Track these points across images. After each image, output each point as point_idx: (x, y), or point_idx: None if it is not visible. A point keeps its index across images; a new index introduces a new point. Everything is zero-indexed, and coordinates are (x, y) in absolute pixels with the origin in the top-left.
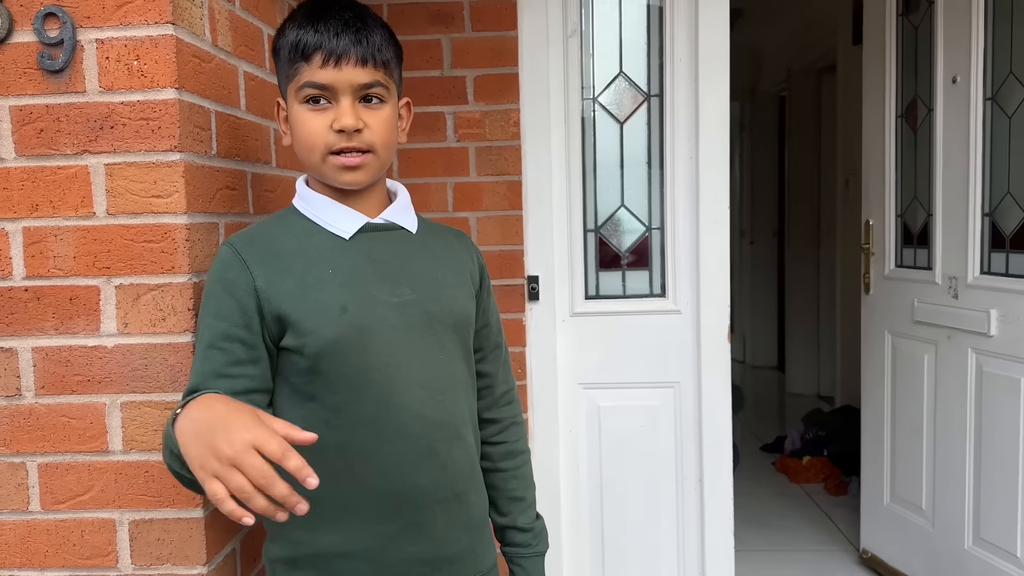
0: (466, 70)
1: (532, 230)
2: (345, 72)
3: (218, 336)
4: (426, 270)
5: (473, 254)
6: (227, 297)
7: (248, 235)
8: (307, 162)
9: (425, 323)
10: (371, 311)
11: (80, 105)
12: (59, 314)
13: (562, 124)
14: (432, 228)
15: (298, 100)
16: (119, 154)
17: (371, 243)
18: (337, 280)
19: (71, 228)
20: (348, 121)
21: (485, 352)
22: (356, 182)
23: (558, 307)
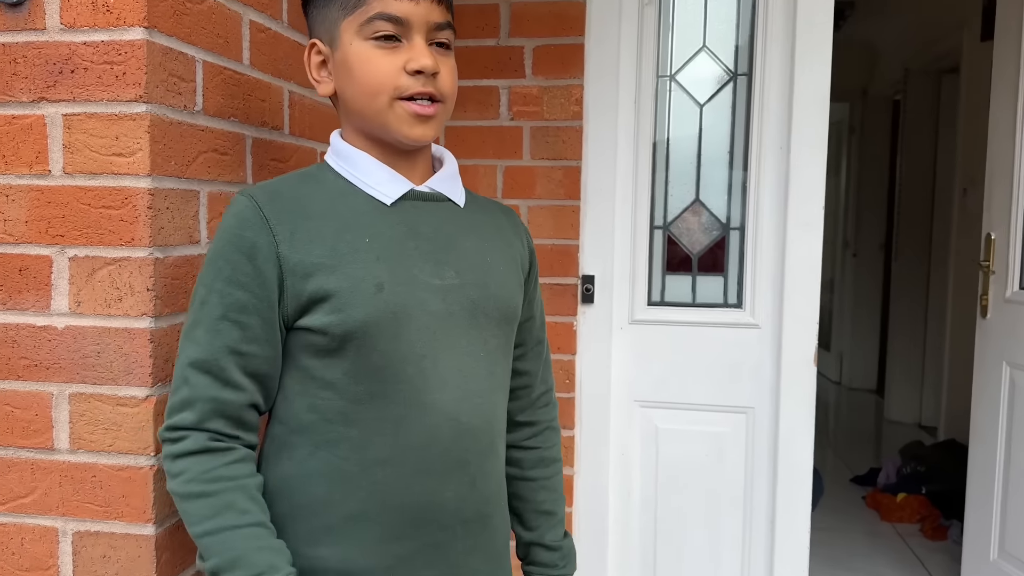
0: (525, 39)
1: (590, 223)
2: (423, 6)
3: (233, 306)
4: (474, 251)
5: (523, 235)
6: (244, 261)
7: (271, 189)
8: (367, 109)
9: (469, 313)
10: (410, 292)
11: (39, 45)
12: (7, 286)
13: (631, 104)
14: (479, 203)
15: (362, 36)
16: (79, 103)
17: (415, 213)
18: (374, 252)
19: (24, 188)
20: (428, 61)
21: (526, 348)
22: (424, 137)
23: (616, 313)
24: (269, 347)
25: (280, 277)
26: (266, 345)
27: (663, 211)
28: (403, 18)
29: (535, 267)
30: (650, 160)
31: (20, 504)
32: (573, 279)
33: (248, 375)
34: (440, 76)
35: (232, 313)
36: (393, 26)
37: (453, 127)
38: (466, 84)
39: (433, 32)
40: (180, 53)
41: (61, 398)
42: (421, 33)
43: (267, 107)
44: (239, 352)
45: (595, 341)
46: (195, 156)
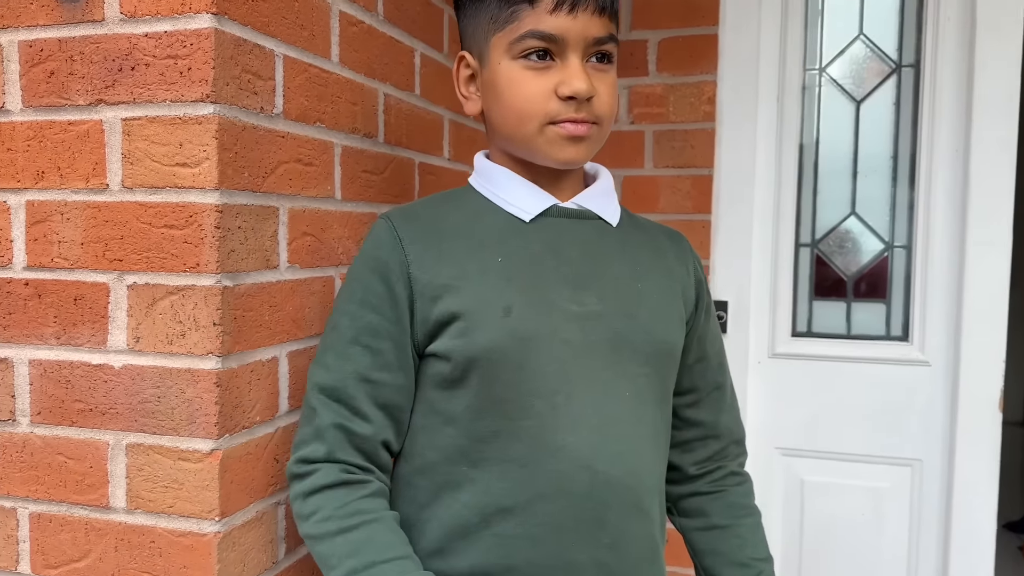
0: (649, 32)
1: (723, 241)
2: (580, 21)
3: (365, 330)
4: (623, 276)
5: (690, 264)
6: (377, 282)
7: (409, 210)
8: (515, 134)
9: (611, 345)
10: (543, 318)
11: (97, 39)
12: (61, 318)
13: (773, 102)
14: (639, 224)
15: (511, 54)
16: (140, 105)
17: (557, 231)
18: (506, 272)
19: (80, 204)
20: (582, 86)
21: (700, 394)
22: (576, 159)
23: (753, 344)
24: (401, 374)
25: (411, 298)
26: (398, 372)
27: (811, 226)
28: (558, 36)
29: (705, 299)
30: (796, 167)
31: (73, 569)
32: None
33: (379, 406)
34: (597, 98)
35: (364, 337)
36: (547, 44)
37: None
38: None
39: (592, 47)
40: (256, 46)
41: (118, 449)
42: (578, 51)
43: (359, 111)
44: (369, 380)
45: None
46: (274, 166)
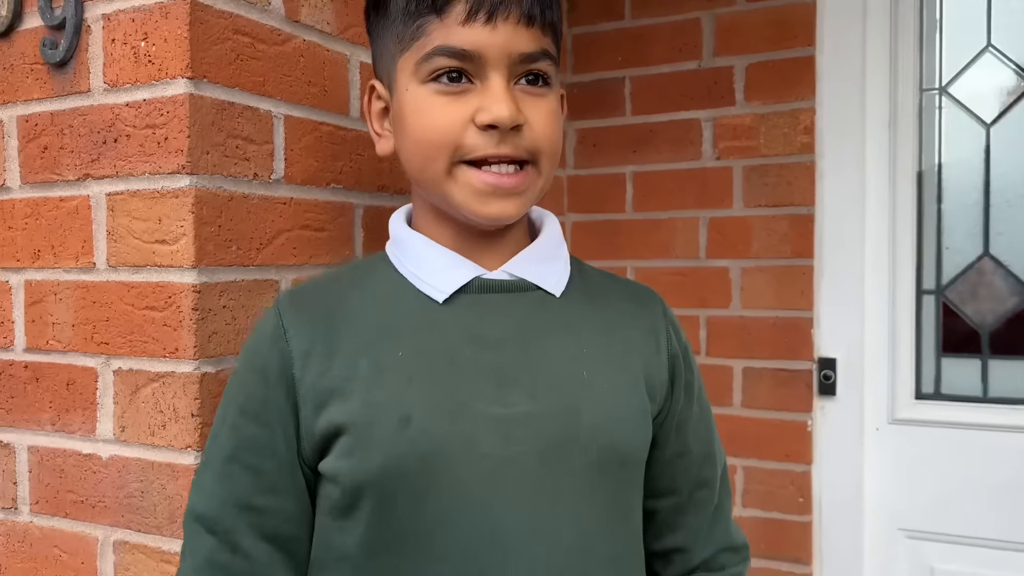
0: (734, 58)
1: (829, 289)
2: (502, 33)
3: (245, 444)
4: (563, 362)
5: (662, 332)
6: (257, 383)
7: (304, 290)
8: (422, 177)
9: (545, 457)
10: (453, 427)
11: (84, 111)
12: (56, 403)
13: (884, 128)
14: (595, 286)
15: (419, 77)
16: (121, 179)
17: (478, 311)
18: (407, 370)
19: (70, 284)
20: (504, 112)
21: (681, 496)
22: (503, 216)
23: (869, 409)
24: (290, 499)
25: (295, 405)
26: (286, 497)
27: (935, 270)
28: (473, 52)
29: (685, 373)
30: (914, 201)
31: None
32: (806, 363)
33: (265, 538)
34: (529, 127)
35: (244, 453)
36: (459, 62)
37: (642, 172)
38: (659, 119)
39: (520, 65)
40: (247, 108)
41: (106, 545)
42: (500, 70)
43: (387, 167)
44: (252, 507)
45: (840, 447)
46: (272, 236)
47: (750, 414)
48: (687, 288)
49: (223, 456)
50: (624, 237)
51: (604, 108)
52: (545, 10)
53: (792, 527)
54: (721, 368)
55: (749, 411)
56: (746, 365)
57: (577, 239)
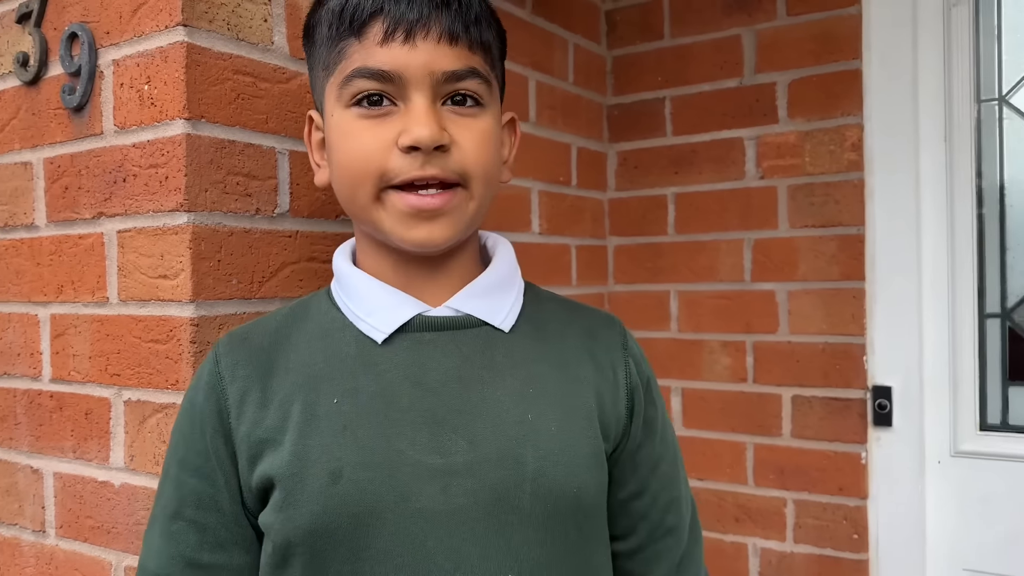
0: (776, 74)
1: (883, 314)
2: (422, 52)
3: (189, 499)
4: (509, 401)
5: (620, 364)
6: (197, 436)
7: (244, 331)
8: (352, 206)
9: (487, 508)
10: (386, 480)
11: (98, 152)
12: (76, 432)
13: (939, 142)
14: (551, 315)
15: (342, 102)
16: (130, 217)
17: (418, 352)
18: (342, 418)
19: (87, 318)
20: (424, 132)
21: (641, 540)
22: (431, 241)
23: (930, 441)
24: (238, 552)
25: (233, 456)
26: (234, 551)
27: (999, 291)
28: (392, 72)
29: (647, 413)
30: (973, 219)
31: None
32: (858, 392)
33: None
34: (456, 148)
35: (188, 509)
36: (380, 84)
37: (684, 194)
38: (700, 139)
39: (444, 85)
40: (248, 146)
41: (119, 570)
42: (423, 90)
43: None
44: (199, 564)
45: (898, 481)
46: (276, 269)
47: (800, 445)
48: (732, 312)
49: (168, 513)
50: (666, 260)
51: (645, 129)
52: (470, 27)
53: (846, 565)
54: (769, 396)
55: (799, 442)
56: (795, 393)
57: (619, 263)
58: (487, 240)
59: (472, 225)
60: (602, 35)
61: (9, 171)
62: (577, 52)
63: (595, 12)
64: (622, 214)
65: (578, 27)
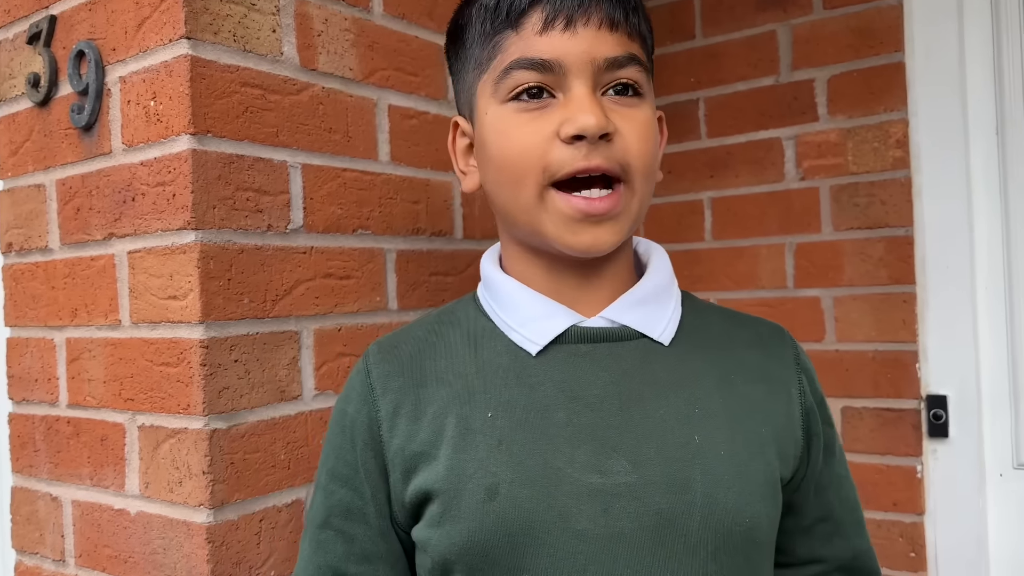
0: (815, 70)
1: (935, 319)
2: (583, 38)
3: (337, 509)
4: (672, 423)
5: (794, 380)
6: (347, 447)
7: (394, 340)
8: (511, 207)
9: (653, 534)
10: (545, 499)
11: (108, 171)
12: (93, 458)
13: (992, 135)
14: (713, 327)
15: (499, 98)
16: (139, 237)
17: (574, 365)
18: (497, 432)
19: (101, 342)
20: (590, 119)
21: (828, 566)
22: (597, 246)
23: (990, 452)
24: (384, 566)
25: (384, 469)
26: (379, 564)
27: None
28: (553, 60)
29: (824, 433)
30: None
31: None
32: (912, 402)
33: None
34: (621, 137)
35: (336, 519)
36: (539, 75)
37: (721, 198)
38: (736, 141)
39: (605, 73)
40: (258, 160)
41: None
42: (584, 78)
43: (423, 209)
44: (345, 575)
45: (957, 495)
46: (291, 287)
47: (852, 458)
48: (775, 321)
49: (317, 522)
50: (704, 267)
51: (678, 132)
52: (630, 13)
53: None
54: None
55: (850, 455)
56: (845, 404)
57: None
58: (639, 246)
59: (636, 225)
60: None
61: (24, 194)
62: None
63: None
64: (657, 221)
65: None
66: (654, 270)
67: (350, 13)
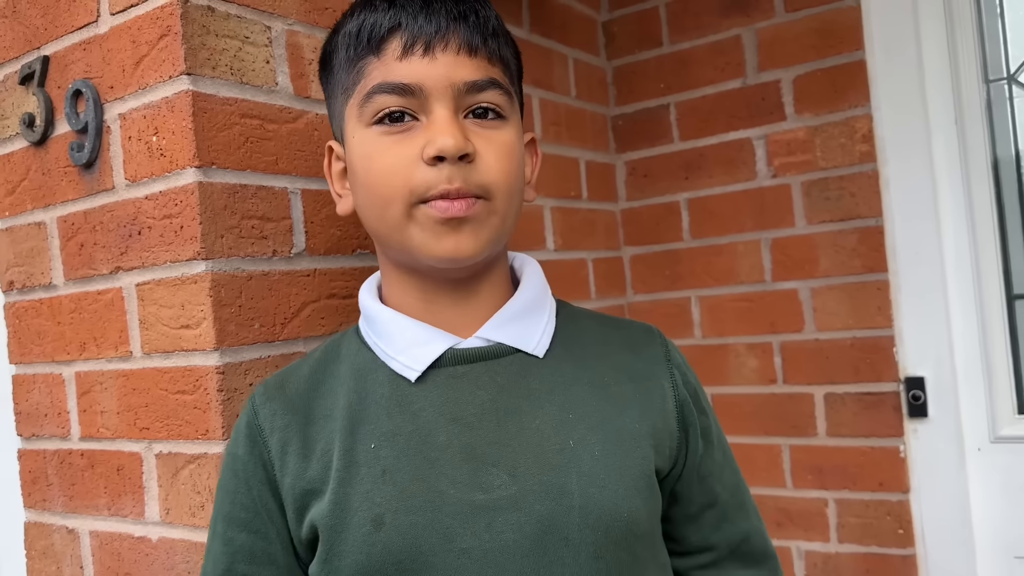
0: (780, 71)
1: (909, 304)
2: (442, 64)
3: (240, 555)
4: (548, 431)
5: (666, 374)
6: (241, 489)
7: (280, 378)
8: (381, 226)
9: (535, 542)
10: (431, 525)
11: (111, 207)
12: (110, 489)
13: (950, 126)
14: (584, 334)
15: (364, 121)
16: (148, 269)
17: (452, 387)
18: (380, 463)
19: (112, 373)
20: (449, 141)
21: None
22: (459, 253)
23: (968, 428)
24: None
25: (282, 507)
26: None
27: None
28: (414, 85)
29: (700, 421)
30: (992, 200)
31: None
32: (891, 385)
33: None
34: (481, 160)
35: (240, 565)
36: (401, 99)
37: (696, 199)
38: (708, 143)
39: (466, 96)
40: (260, 188)
41: None
42: (445, 102)
43: None
44: None
45: (939, 472)
46: (298, 309)
47: (836, 443)
48: (756, 314)
49: (219, 572)
50: (684, 267)
51: (651, 137)
52: (488, 39)
53: (893, 561)
54: (801, 396)
55: (835, 440)
56: (827, 391)
57: (636, 272)
58: (514, 261)
59: (498, 240)
60: (600, 47)
61: (23, 232)
62: (577, 66)
63: (592, 25)
64: (635, 223)
65: (576, 41)
66: (525, 285)
67: None
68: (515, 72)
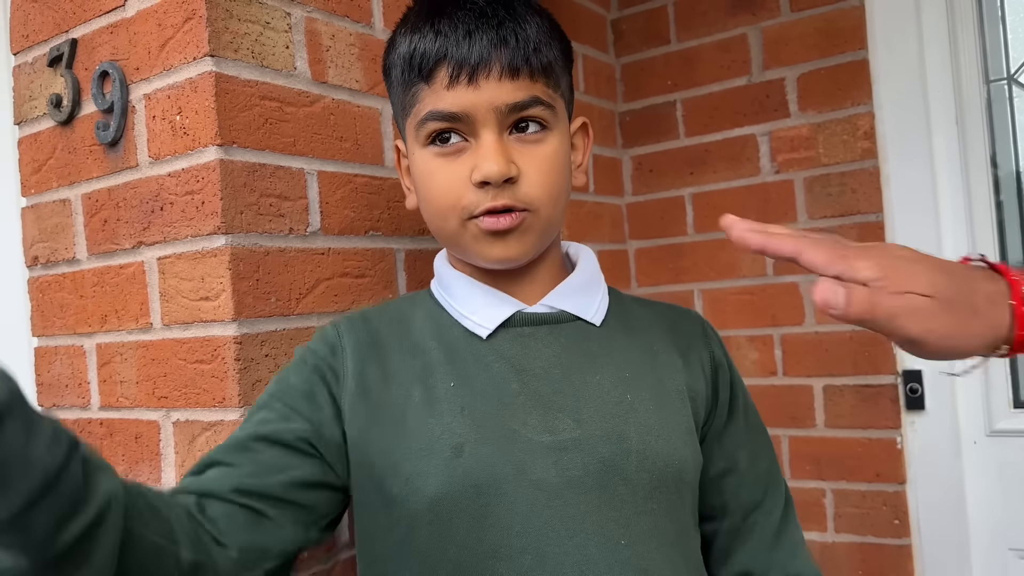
0: (785, 69)
1: None
2: (486, 91)
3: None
4: (608, 386)
5: (704, 350)
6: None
7: (363, 314)
8: (441, 233)
9: (598, 480)
10: (504, 455)
11: (135, 184)
12: (128, 456)
13: (951, 125)
14: (633, 313)
15: (420, 141)
16: (169, 243)
17: (521, 344)
18: (459, 400)
19: (132, 345)
20: (492, 168)
21: (733, 519)
22: (507, 257)
23: (964, 421)
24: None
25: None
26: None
27: None
28: (461, 113)
29: (728, 393)
30: (990, 197)
31: None
32: (889, 378)
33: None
34: (523, 179)
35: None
36: (450, 123)
37: (701, 193)
38: (713, 139)
39: (510, 115)
40: (278, 168)
41: None
42: (491, 125)
43: None
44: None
45: (935, 464)
46: (311, 286)
47: (835, 434)
48: (758, 307)
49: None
50: (688, 260)
51: (657, 133)
52: (530, 57)
53: (889, 551)
54: (800, 388)
55: (834, 431)
56: (826, 383)
57: (641, 265)
58: (569, 249)
59: (545, 239)
60: (609, 44)
61: (49, 209)
62: (586, 62)
63: (601, 22)
64: (641, 217)
65: (585, 38)
66: (583, 266)
67: (354, 29)
68: (561, 70)
